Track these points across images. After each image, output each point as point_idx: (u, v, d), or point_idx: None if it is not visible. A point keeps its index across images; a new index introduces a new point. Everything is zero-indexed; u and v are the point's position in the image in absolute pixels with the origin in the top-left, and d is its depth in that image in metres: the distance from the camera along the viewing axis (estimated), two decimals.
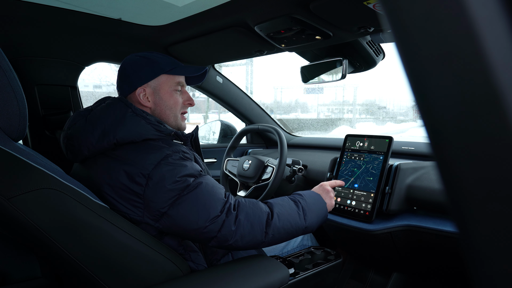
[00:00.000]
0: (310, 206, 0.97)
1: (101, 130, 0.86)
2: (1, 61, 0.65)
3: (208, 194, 0.84)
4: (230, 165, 1.69)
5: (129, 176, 0.82)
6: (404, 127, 13.31)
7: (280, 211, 0.91)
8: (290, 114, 19.81)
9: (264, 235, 0.87)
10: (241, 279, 0.84)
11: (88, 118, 0.89)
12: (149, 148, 0.86)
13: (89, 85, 10.92)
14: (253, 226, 0.86)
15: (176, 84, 1.00)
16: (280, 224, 0.89)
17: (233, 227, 0.83)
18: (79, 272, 0.73)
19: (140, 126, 0.88)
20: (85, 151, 0.87)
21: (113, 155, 0.86)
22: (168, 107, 0.99)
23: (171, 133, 0.93)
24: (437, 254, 1.14)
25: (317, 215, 0.98)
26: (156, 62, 0.97)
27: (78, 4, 1.18)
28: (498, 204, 0.23)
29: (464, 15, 0.21)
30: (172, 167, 0.83)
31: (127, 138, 0.86)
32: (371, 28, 1.13)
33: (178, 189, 0.81)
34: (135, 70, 0.97)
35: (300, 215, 0.94)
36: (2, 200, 0.64)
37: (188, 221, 0.81)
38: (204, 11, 1.19)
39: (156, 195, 0.80)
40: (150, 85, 0.97)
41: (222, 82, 1.92)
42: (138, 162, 0.83)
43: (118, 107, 0.90)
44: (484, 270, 0.25)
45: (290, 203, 0.95)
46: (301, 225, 0.93)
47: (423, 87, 0.24)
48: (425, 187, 1.14)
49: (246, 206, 0.88)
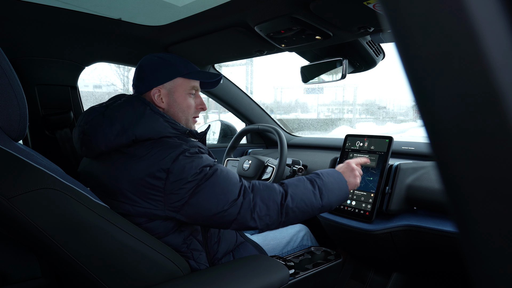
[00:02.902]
0: (328, 185, 0.98)
1: (120, 126, 0.86)
2: (1, 61, 0.65)
3: (224, 179, 0.87)
4: (230, 165, 1.69)
5: (149, 172, 0.83)
6: (404, 127, 13.31)
7: (294, 191, 0.93)
8: (290, 114, 19.81)
9: (280, 215, 0.90)
10: (241, 279, 0.84)
11: (106, 114, 0.89)
12: (166, 144, 0.88)
13: (89, 85, 10.93)
14: (268, 207, 0.89)
15: (191, 88, 1.02)
16: (294, 204, 0.91)
17: (251, 209, 0.87)
18: (79, 272, 0.73)
19: (158, 124, 0.90)
20: (103, 146, 0.87)
21: (130, 152, 0.87)
22: (181, 109, 1.01)
23: (186, 131, 0.96)
24: (437, 254, 1.14)
25: (336, 194, 0.99)
26: (173, 64, 0.99)
27: (78, 4, 1.18)
28: (497, 204, 0.23)
29: (464, 15, 0.21)
30: (190, 159, 0.85)
31: (146, 135, 0.88)
32: (371, 28, 1.13)
33: (197, 179, 0.84)
34: (152, 70, 0.99)
35: (316, 194, 0.95)
36: (2, 200, 0.64)
37: (209, 207, 0.84)
38: (204, 11, 1.19)
39: (177, 187, 0.83)
40: (166, 86, 0.99)
41: (222, 82, 1.92)
42: (157, 158, 0.84)
43: (137, 105, 0.91)
44: (484, 270, 0.25)
45: (306, 182, 0.97)
46: (316, 204, 0.95)
47: (423, 87, 0.24)
48: (425, 187, 1.14)
49: (260, 189, 0.90)
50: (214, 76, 1.07)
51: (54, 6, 1.18)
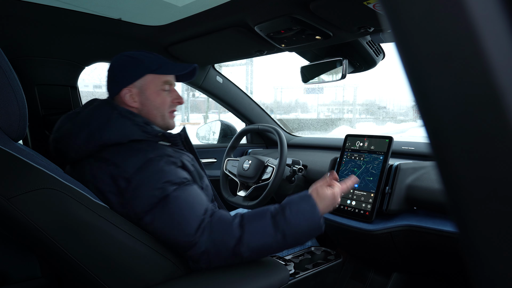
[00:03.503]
0: (293, 224, 0.83)
1: (87, 133, 0.86)
2: (1, 61, 0.65)
3: (186, 209, 0.81)
4: (230, 165, 1.69)
5: (113, 177, 0.82)
6: (404, 127, 13.32)
7: (251, 237, 0.81)
8: (290, 114, 19.83)
9: (232, 260, 0.81)
10: (241, 279, 0.84)
11: (75, 121, 0.89)
12: (133, 150, 0.85)
13: (89, 85, 10.93)
14: (219, 252, 0.80)
15: (163, 84, 0.98)
16: (249, 253, 0.81)
17: (202, 252, 0.80)
18: (79, 272, 0.73)
19: (125, 128, 0.87)
20: (72, 153, 0.88)
21: (100, 157, 0.86)
22: (155, 107, 0.98)
23: (158, 134, 0.92)
24: (437, 254, 1.14)
25: (306, 233, 0.85)
26: (141, 61, 0.96)
27: (78, 4, 1.18)
28: (498, 204, 0.23)
29: (464, 15, 0.21)
30: (152, 173, 0.81)
31: (112, 139, 0.86)
32: (371, 28, 1.13)
33: (156, 197, 0.80)
34: (121, 70, 0.96)
35: (278, 238, 0.82)
36: (2, 200, 0.64)
37: (162, 233, 0.80)
38: (204, 11, 1.19)
39: (135, 199, 0.80)
40: (136, 85, 0.95)
41: (222, 82, 1.92)
42: (121, 164, 0.82)
43: (104, 110, 0.90)
44: (484, 270, 0.25)
45: (267, 224, 0.82)
46: (278, 248, 0.84)
47: (423, 87, 0.24)
48: (425, 187, 1.14)
49: (215, 231, 0.81)
50: (186, 68, 1.02)
51: (54, 6, 1.18)
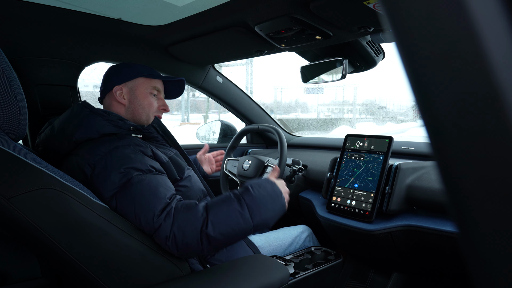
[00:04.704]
0: (259, 200, 0.85)
1: (61, 133, 0.92)
2: (1, 61, 0.65)
3: (148, 193, 0.81)
4: (230, 165, 1.69)
5: (79, 166, 0.86)
6: (404, 127, 13.33)
7: (217, 215, 0.82)
8: (290, 114, 19.83)
9: (200, 243, 0.80)
10: (241, 279, 0.84)
11: (53, 125, 0.96)
12: (103, 142, 0.91)
13: (89, 85, 10.93)
14: (185, 235, 0.79)
15: (152, 88, 1.08)
16: (217, 232, 0.80)
17: (166, 236, 0.78)
18: (79, 272, 0.73)
19: (96, 123, 0.93)
20: (51, 154, 0.94)
21: (74, 153, 0.92)
22: (141, 106, 1.06)
23: (130, 127, 0.98)
24: (437, 254, 1.14)
25: (270, 209, 0.87)
26: (135, 66, 1.08)
27: (78, 4, 1.18)
28: (498, 204, 0.23)
29: (464, 14, 0.21)
30: (117, 157, 0.86)
31: (84, 135, 0.92)
32: (371, 28, 1.13)
33: (119, 181, 0.82)
34: (115, 72, 1.08)
35: (244, 215, 0.83)
36: (2, 200, 0.64)
37: (127, 217, 0.81)
38: (204, 11, 1.19)
39: (100, 184, 0.83)
40: (128, 85, 1.06)
41: (222, 82, 1.92)
42: (88, 154, 0.87)
43: (76, 110, 0.96)
44: (484, 270, 0.25)
45: (232, 202, 0.84)
46: (246, 226, 0.83)
47: (423, 87, 0.24)
48: (425, 187, 1.14)
49: (180, 213, 0.81)
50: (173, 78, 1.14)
51: (54, 6, 1.18)
